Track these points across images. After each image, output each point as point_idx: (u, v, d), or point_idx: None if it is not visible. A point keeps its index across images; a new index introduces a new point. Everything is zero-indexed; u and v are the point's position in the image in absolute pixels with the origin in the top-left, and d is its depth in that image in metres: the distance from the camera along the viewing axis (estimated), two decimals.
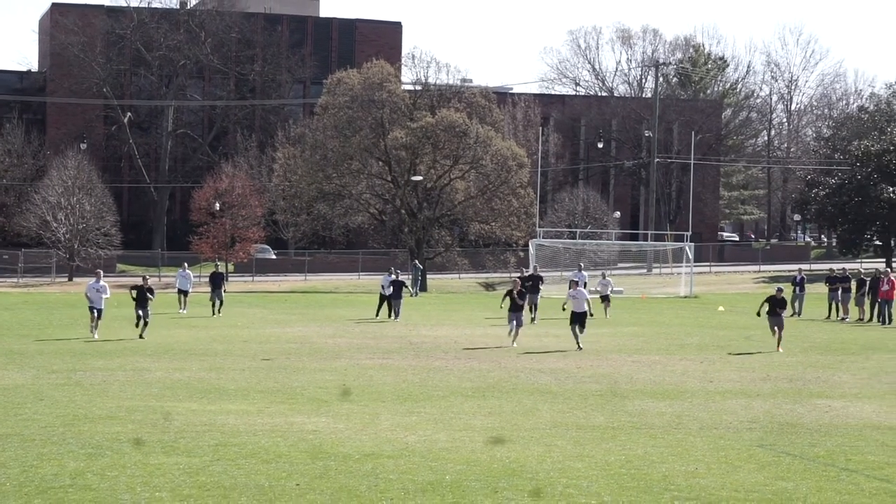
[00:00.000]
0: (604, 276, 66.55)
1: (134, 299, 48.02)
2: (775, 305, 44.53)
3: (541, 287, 61.68)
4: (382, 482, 20.04)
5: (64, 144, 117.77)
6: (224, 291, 62.33)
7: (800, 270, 69.71)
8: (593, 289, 65.21)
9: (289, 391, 31.57)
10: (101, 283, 48.30)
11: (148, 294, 48.18)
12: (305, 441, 23.76)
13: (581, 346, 43.89)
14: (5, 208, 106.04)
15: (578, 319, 44.52)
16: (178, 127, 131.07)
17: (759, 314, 45.91)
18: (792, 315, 62.62)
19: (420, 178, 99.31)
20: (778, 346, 44.02)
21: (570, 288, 52.58)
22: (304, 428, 25.39)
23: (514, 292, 45.87)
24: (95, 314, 47.07)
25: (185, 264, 66.74)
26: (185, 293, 63.89)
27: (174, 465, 21.25)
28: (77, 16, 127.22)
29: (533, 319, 56.92)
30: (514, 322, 45.20)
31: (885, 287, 58.70)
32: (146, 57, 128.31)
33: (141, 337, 46.28)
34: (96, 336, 46.32)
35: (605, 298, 62.89)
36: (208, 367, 37.01)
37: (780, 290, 45.23)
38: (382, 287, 61.31)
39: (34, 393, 30.38)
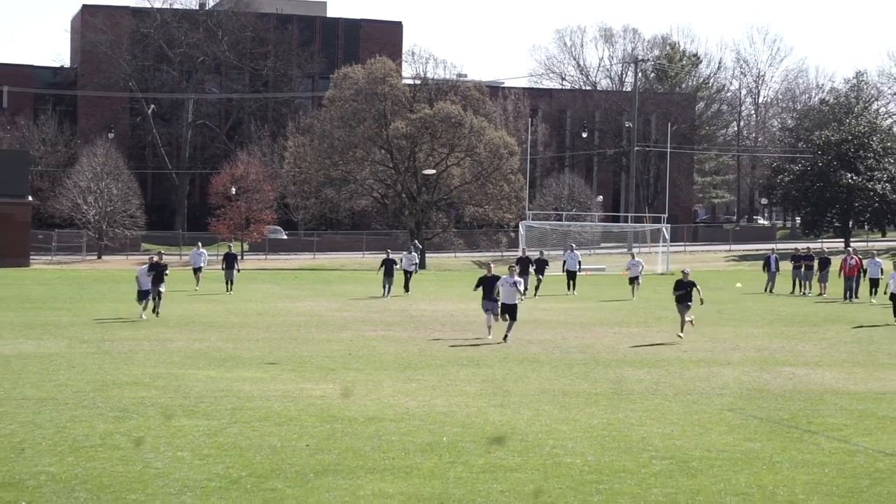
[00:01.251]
0: (633, 257, 61.68)
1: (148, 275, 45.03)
2: (682, 288, 38.41)
3: (546, 269, 60.63)
4: (385, 443, 20.04)
5: (93, 134, 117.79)
6: (237, 271, 60.75)
7: (773, 251, 69.05)
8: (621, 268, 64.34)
9: (299, 360, 31.57)
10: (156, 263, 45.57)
11: (164, 271, 45.38)
12: (314, 406, 23.76)
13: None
14: (40, 192, 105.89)
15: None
16: (198, 118, 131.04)
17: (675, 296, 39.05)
18: (766, 291, 62.67)
19: (433, 171, 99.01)
20: (682, 328, 38.43)
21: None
22: (313, 394, 25.40)
23: (488, 277, 38.86)
24: (150, 297, 44.07)
25: (199, 243, 66.45)
26: (199, 270, 62.51)
27: (195, 427, 21.26)
28: (105, 16, 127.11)
29: (534, 294, 56.53)
30: (490, 311, 38.19)
31: (851, 263, 58.49)
32: (168, 54, 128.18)
33: (155, 313, 43.82)
34: (144, 316, 43.43)
35: (634, 280, 59.05)
36: (225, 337, 37.02)
37: (685, 272, 38.99)
38: (404, 264, 60.80)
39: (67, 361, 30.39)
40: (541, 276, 59.32)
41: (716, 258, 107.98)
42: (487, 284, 38.32)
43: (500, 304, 37.58)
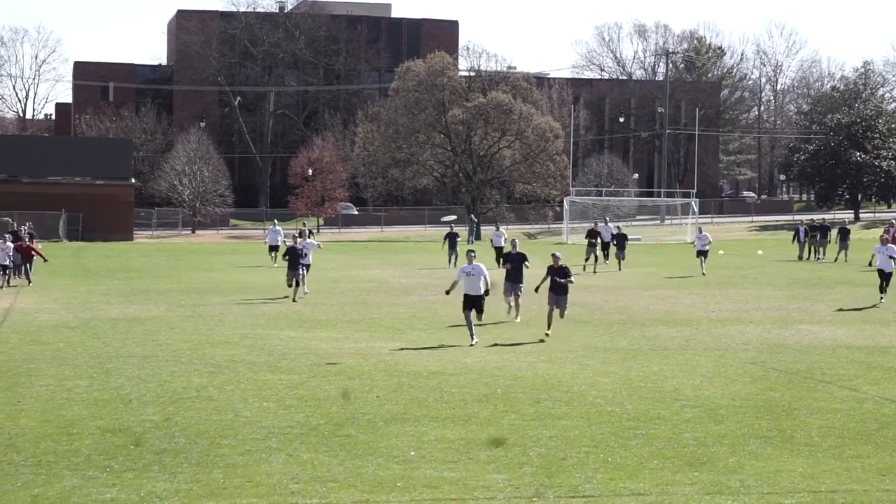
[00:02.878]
0: (700, 231, 53.99)
1: (285, 257, 39.08)
2: (555, 276, 29.17)
3: (626, 244, 54.91)
4: (446, 394, 20.07)
5: (187, 123, 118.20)
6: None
7: (801, 222, 66.36)
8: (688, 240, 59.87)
9: (369, 321, 31.63)
10: (308, 240, 41.02)
11: (301, 253, 38.89)
12: (383, 361, 23.82)
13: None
14: (142, 175, 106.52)
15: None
16: (278, 108, 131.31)
17: (536, 290, 29.82)
18: (799, 259, 61.34)
19: (454, 217, 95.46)
20: (548, 327, 28.67)
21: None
22: (382, 351, 25.45)
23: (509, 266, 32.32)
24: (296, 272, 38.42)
25: (276, 221, 63.83)
26: (276, 248, 56.14)
27: (278, 380, 21.36)
28: (197, 20, 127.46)
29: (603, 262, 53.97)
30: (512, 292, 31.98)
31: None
32: (252, 52, 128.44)
33: (294, 300, 37.29)
34: (303, 292, 38.93)
35: (702, 254, 50.46)
36: (304, 302, 37.10)
37: (556, 256, 29.55)
38: (492, 241, 56.76)
39: (166, 323, 30.60)
40: (622, 251, 53.72)
41: (739, 229, 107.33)
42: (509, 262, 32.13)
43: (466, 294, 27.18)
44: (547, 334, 27.86)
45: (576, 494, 13.75)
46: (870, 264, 36.88)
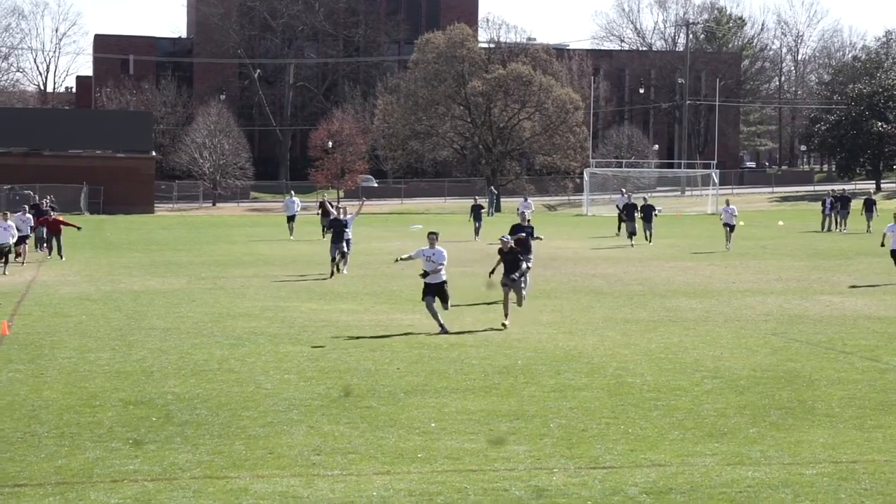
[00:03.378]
0: (728, 203, 51.48)
1: (326, 228, 37.37)
2: (509, 260, 25.57)
3: (654, 214, 53.01)
4: (467, 366, 20.10)
5: (207, 96, 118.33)
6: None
7: (829, 193, 64.85)
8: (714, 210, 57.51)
9: (390, 294, 31.67)
10: (349, 216, 37.96)
11: (344, 227, 36.67)
12: (403, 334, 23.85)
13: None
14: (162, 148, 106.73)
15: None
16: (298, 80, 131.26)
17: (491, 273, 26.75)
18: (823, 230, 61.07)
19: (420, 226, 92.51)
20: (505, 317, 25.08)
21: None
22: (402, 323, 25.48)
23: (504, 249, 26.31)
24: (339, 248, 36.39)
25: (292, 192, 63.14)
26: (293, 218, 56.69)
27: (299, 352, 21.41)
28: None
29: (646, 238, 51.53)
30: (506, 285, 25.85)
31: None
32: (272, 24, 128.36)
33: (333, 274, 35.86)
34: (345, 272, 37.01)
35: (727, 226, 48.58)
36: (325, 274, 37.14)
37: (504, 239, 26.28)
38: (519, 210, 55.45)
39: (188, 295, 30.69)
40: (650, 224, 51.76)
41: (760, 199, 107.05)
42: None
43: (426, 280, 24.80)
44: (504, 325, 24.71)
45: (596, 465, 13.78)
46: (882, 244, 36.01)
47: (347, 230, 36.76)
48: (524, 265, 26.09)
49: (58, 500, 12.36)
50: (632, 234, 50.79)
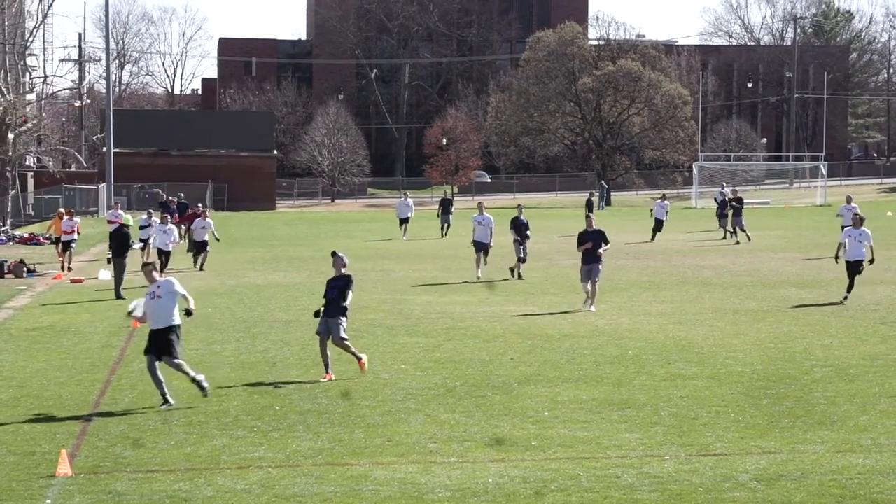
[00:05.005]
0: (848, 201, 44.75)
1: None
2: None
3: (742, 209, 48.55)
4: (578, 356, 20.06)
5: (326, 96, 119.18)
6: (451, 215, 53.55)
7: None
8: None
9: (503, 286, 31.67)
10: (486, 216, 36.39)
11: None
12: (517, 325, 23.86)
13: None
14: (283, 147, 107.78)
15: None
16: (413, 80, 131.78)
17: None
18: None
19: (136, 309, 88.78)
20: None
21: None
22: (516, 314, 25.48)
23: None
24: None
25: (406, 193, 59.66)
26: (406, 220, 53.87)
27: (415, 344, 21.52)
28: None
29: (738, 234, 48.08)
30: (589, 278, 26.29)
31: None
32: (388, 25, 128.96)
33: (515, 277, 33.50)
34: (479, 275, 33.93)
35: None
36: (440, 268, 37.32)
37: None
38: (653, 212, 51.00)
39: (308, 288, 30.94)
40: (739, 218, 47.90)
41: (868, 190, 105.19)
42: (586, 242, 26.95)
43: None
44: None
45: (707, 453, 13.68)
46: None
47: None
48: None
49: (188, 486, 12.57)
50: (728, 228, 48.65)
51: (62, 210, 42.11)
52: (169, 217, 38.65)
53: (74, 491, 12.38)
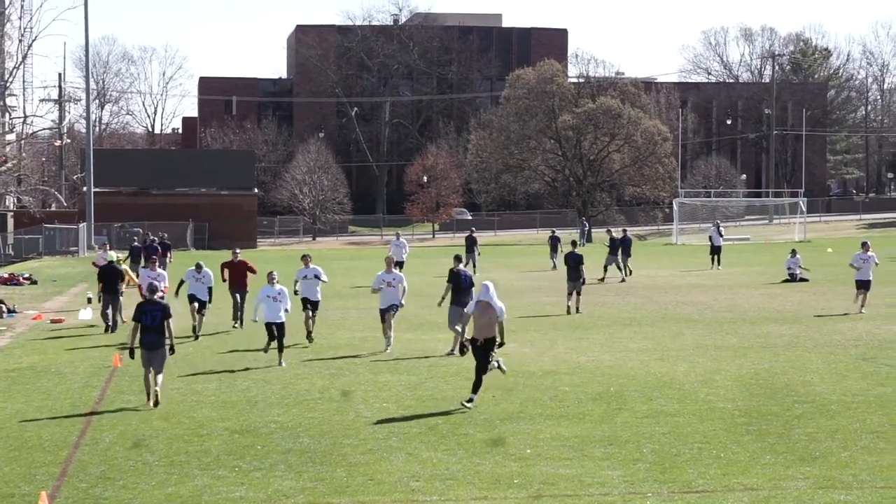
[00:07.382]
0: (865, 249, 35.17)
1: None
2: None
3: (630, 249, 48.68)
4: (560, 393, 20.05)
5: (307, 134, 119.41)
6: (477, 255, 53.34)
7: None
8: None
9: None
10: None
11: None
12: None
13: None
14: (264, 185, 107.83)
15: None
16: (394, 118, 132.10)
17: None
18: None
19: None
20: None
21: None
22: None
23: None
24: None
25: (398, 232, 59.05)
26: (401, 264, 47.27)
27: (397, 381, 21.49)
28: (315, 34, 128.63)
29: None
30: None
31: None
32: (368, 64, 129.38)
33: None
34: None
35: (863, 286, 34.31)
36: (420, 305, 37.25)
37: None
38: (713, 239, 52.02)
39: (290, 327, 30.76)
40: (626, 256, 47.94)
41: (848, 226, 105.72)
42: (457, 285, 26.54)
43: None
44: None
45: (689, 490, 13.67)
46: None
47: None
48: None
49: None
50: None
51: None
52: (157, 260, 36.22)
53: None
